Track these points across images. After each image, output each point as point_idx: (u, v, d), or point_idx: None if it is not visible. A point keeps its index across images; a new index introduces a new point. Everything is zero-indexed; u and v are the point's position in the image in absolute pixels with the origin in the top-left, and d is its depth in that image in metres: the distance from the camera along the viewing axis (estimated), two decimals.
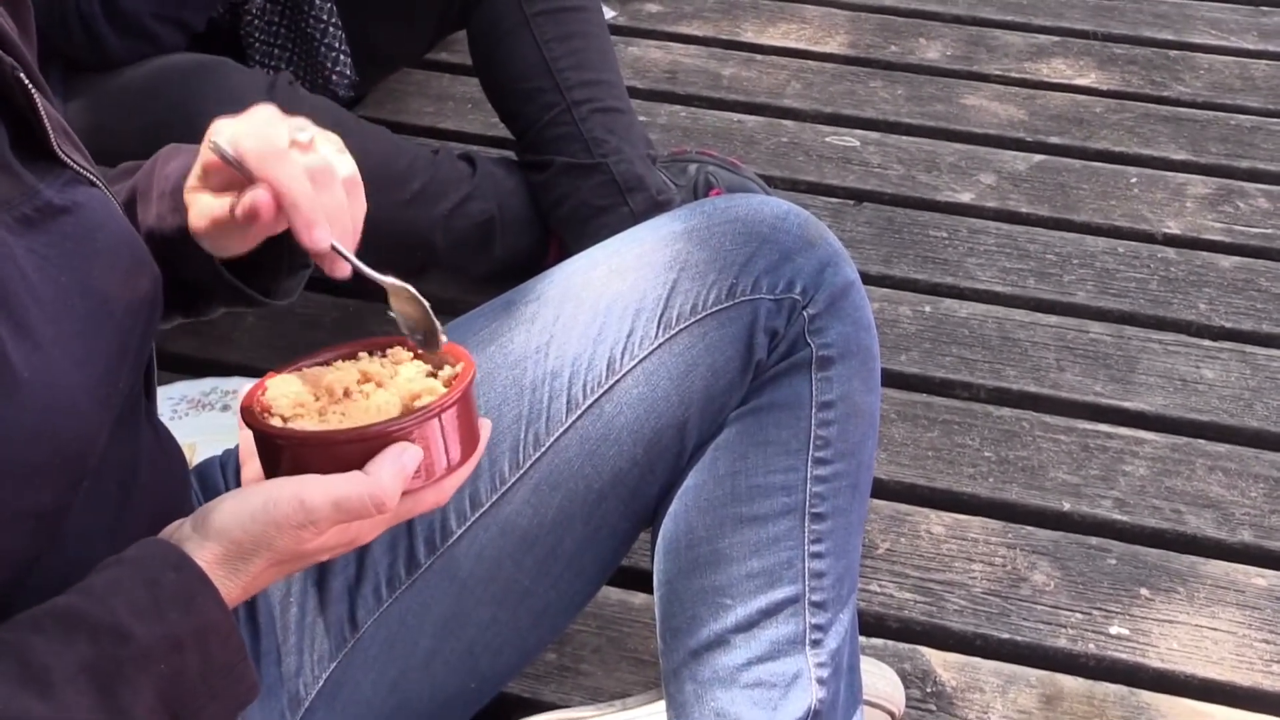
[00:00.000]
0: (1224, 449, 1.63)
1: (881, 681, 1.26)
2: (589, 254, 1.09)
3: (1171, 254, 1.94)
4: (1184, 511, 1.55)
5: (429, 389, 0.83)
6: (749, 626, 1.03)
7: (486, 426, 0.85)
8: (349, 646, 1.01)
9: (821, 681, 1.03)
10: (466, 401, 0.82)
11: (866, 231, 1.98)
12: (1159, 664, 1.39)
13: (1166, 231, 1.98)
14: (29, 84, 0.82)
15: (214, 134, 0.87)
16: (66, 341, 0.77)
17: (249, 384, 1.58)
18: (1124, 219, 2.01)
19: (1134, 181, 2.08)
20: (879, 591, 1.46)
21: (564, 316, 1.05)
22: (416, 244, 1.71)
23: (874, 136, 2.17)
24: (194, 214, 0.90)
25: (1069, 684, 1.37)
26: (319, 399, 0.83)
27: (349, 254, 0.84)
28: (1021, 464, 1.61)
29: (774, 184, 2.05)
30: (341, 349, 0.88)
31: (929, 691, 1.36)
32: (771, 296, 1.03)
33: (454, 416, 0.81)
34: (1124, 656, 1.40)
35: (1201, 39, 2.43)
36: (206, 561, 0.77)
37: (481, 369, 1.05)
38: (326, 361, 0.87)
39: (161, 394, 1.39)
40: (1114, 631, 1.42)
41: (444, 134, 2.16)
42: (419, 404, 0.81)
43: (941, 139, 2.18)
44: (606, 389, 1.03)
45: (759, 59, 2.37)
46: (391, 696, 1.03)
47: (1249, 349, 1.78)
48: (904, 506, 1.56)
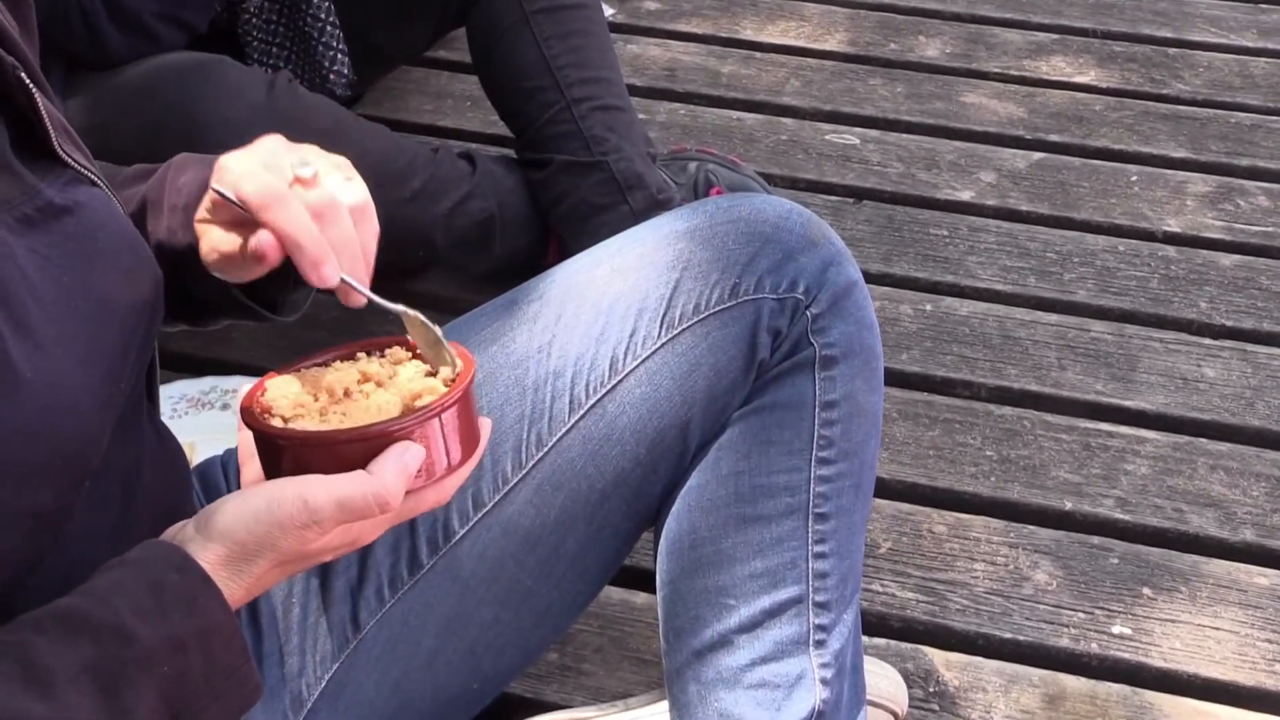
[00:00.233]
0: (1225, 448, 1.63)
1: (884, 681, 1.26)
2: (591, 253, 1.09)
3: (1172, 252, 1.93)
4: (1186, 511, 1.55)
5: (429, 388, 0.82)
6: (752, 627, 1.03)
7: (487, 425, 0.85)
8: (351, 647, 1.01)
9: (825, 682, 1.03)
10: (467, 400, 0.82)
11: (866, 230, 1.97)
12: (1161, 663, 1.39)
13: (1167, 230, 1.98)
14: (30, 83, 0.82)
15: (218, 174, 0.87)
16: (69, 341, 0.77)
17: (249, 383, 1.58)
18: (1124, 217, 2.01)
19: (1134, 179, 2.08)
20: (881, 591, 1.45)
21: (566, 316, 1.04)
22: (416, 242, 1.71)
23: (874, 134, 2.17)
24: (204, 246, 0.90)
25: (1071, 684, 1.37)
26: (319, 399, 0.83)
27: (360, 286, 0.84)
28: (1023, 463, 1.61)
29: (774, 182, 2.05)
30: (340, 350, 0.88)
31: (932, 691, 1.36)
32: (774, 296, 1.03)
33: (455, 415, 0.81)
34: (1126, 656, 1.40)
35: (1201, 36, 2.43)
36: (210, 563, 0.76)
37: (484, 368, 1.04)
38: (325, 362, 0.87)
39: (161, 393, 1.38)
40: (1116, 631, 1.42)
41: (443, 132, 2.15)
42: (419, 404, 0.81)
43: (941, 137, 2.17)
44: (609, 389, 1.03)
45: (758, 56, 2.36)
46: (394, 697, 1.03)
47: (1250, 347, 1.77)
48: (906, 506, 1.55)
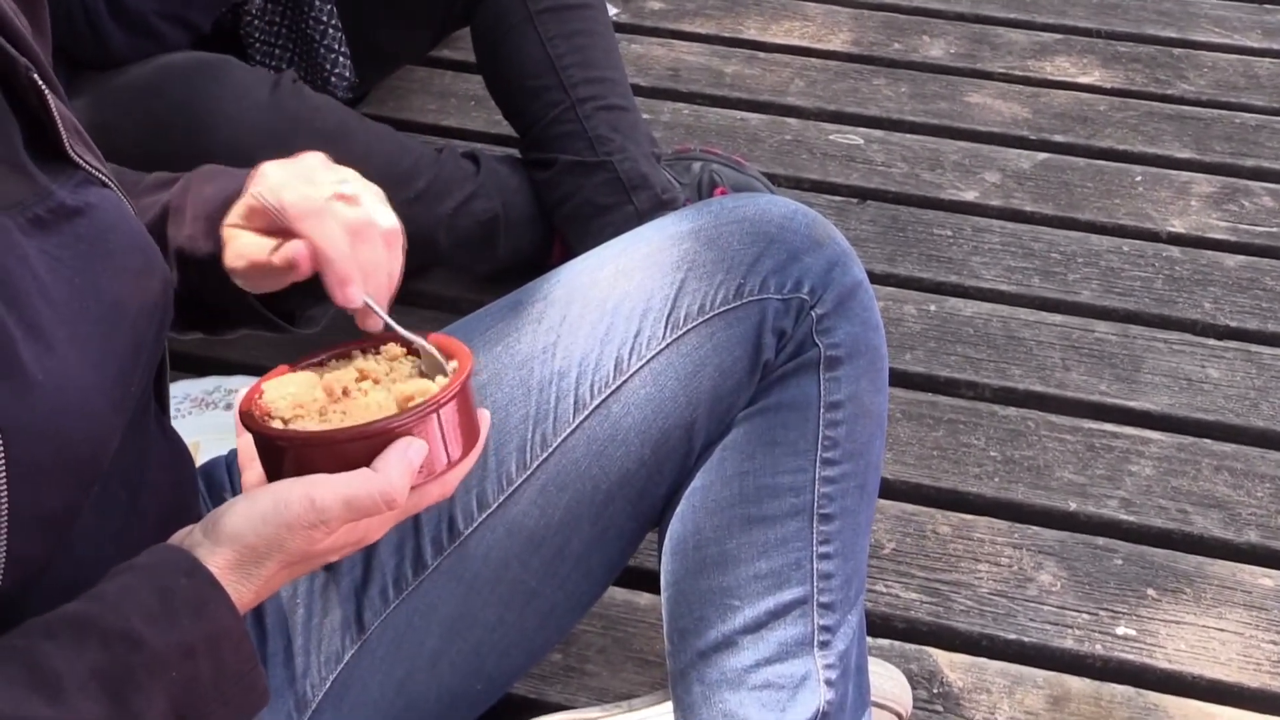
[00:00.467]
0: (1230, 448, 1.63)
1: (888, 682, 1.26)
2: (595, 254, 1.09)
3: (1176, 253, 1.93)
4: (1190, 511, 1.55)
5: (422, 390, 0.83)
6: (757, 628, 1.03)
7: (486, 418, 0.84)
8: (356, 647, 1.01)
9: (830, 683, 1.03)
10: (466, 395, 0.82)
11: (870, 230, 1.97)
12: (1166, 665, 1.39)
13: (1171, 230, 1.98)
14: (43, 84, 0.82)
15: (258, 180, 0.87)
16: (80, 343, 0.77)
17: (252, 382, 1.58)
18: (1129, 217, 2.00)
19: (1138, 180, 2.08)
20: (885, 592, 1.45)
21: (571, 316, 1.04)
22: (420, 242, 1.70)
23: (878, 134, 2.17)
24: (232, 251, 0.89)
25: (1076, 685, 1.36)
26: (318, 399, 0.83)
27: (381, 311, 0.84)
28: (1027, 464, 1.61)
29: (778, 182, 2.05)
30: (335, 349, 0.88)
31: (936, 692, 1.35)
32: (779, 296, 1.03)
33: (454, 410, 0.81)
34: (1131, 657, 1.40)
35: (1205, 37, 2.43)
36: (219, 567, 0.76)
37: (488, 369, 1.04)
38: (321, 362, 0.87)
39: None
40: (1121, 632, 1.42)
41: (447, 132, 2.15)
42: (417, 400, 0.81)
43: (945, 137, 2.17)
44: (614, 389, 1.03)
45: (762, 56, 2.36)
46: (398, 697, 1.03)
47: (1254, 348, 1.77)
48: (910, 506, 1.55)
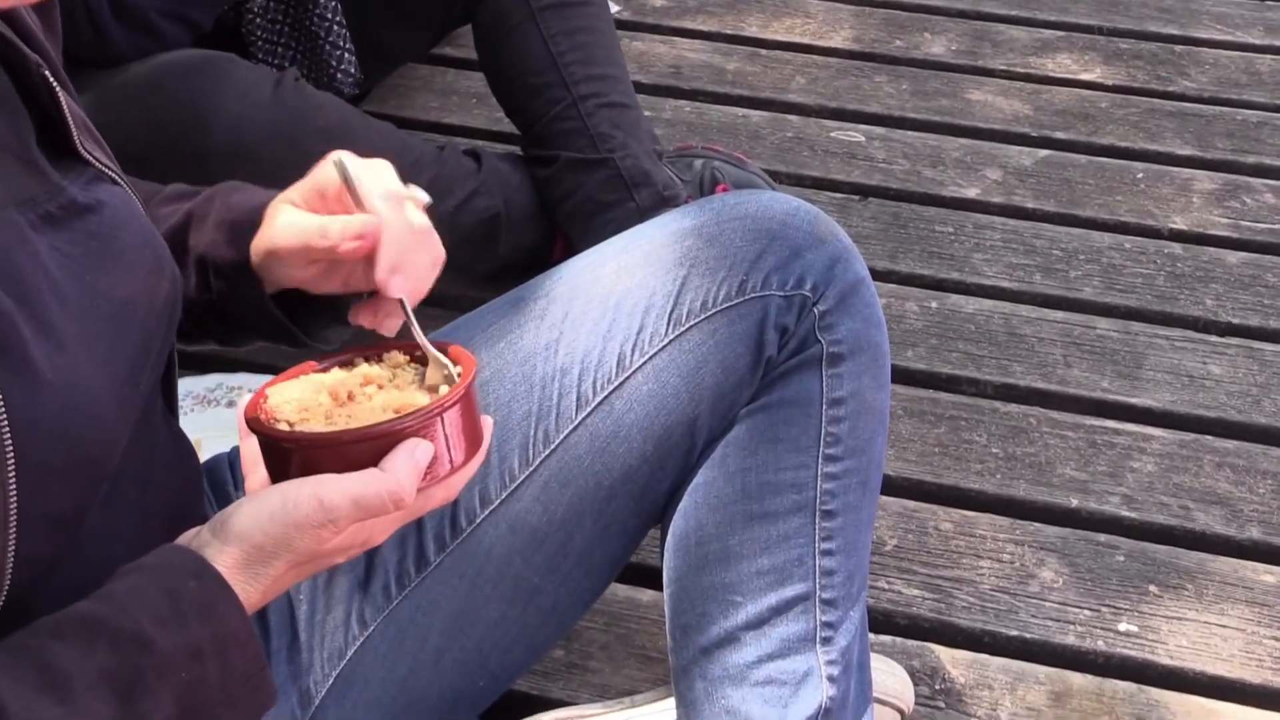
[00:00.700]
0: (1232, 445, 1.63)
1: (890, 679, 1.26)
2: (598, 250, 1.09)
3: (1178, 249, 1.93)
4: (1192, 508, 1.55)
5: (413, 402, 0.83)
6: (759, 624, 1.03)
7: (489, 424, 0.85)
8: (359, 644, 1.01)
9: (832, 679, 1.03)
10: (470, 399, 0.83)
11: (872, 227, 1.97)
12: (1168, 661, 1.39)
13: (1173, 227, 1.98)
14: (54, 81, 0.82)
15: (334, 156, 0.88)
16: (90, 341, 0.77)
17: (254, 380, 1.59)
18: (1130, 214, 2.00)
19: (1140, 177, 2.08)
20: (887, 588, 1.45)
21: (573, 313, 1.04)
22: None
23: (879, 131, 2.17)
24: (279, 224, 0.89)
25: (1078, 681, 1.36)
26: (323, 403, 0.83)
27: (410, 312, 0.86)
28: (1029, 460, 1.61)
29: (779, 179, 2.05)
30: (338, 356, 0.88)
31: (938, 688, 1.36)
32: (782, 293, 1.03)
33: (459, 413, 0.81)
34: (1133, 653, 1.40)
35: (1207, 34, 2.43)
36: (227, 566, 0.76)
37: (491, 366, 1.04)
38: (325, 368, 0.87)
39: None
40: (1123, 628, 1.42)
41: (449, 129, 2.15)
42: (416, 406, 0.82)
43: (947, 134, 2.17)
44: (616, 386, 1.03)
45: (764, 54, 2.36)
46: (401, 694, 1.03)
47: (1256, 345, 1.77)
48: (911, 503, 1.55)
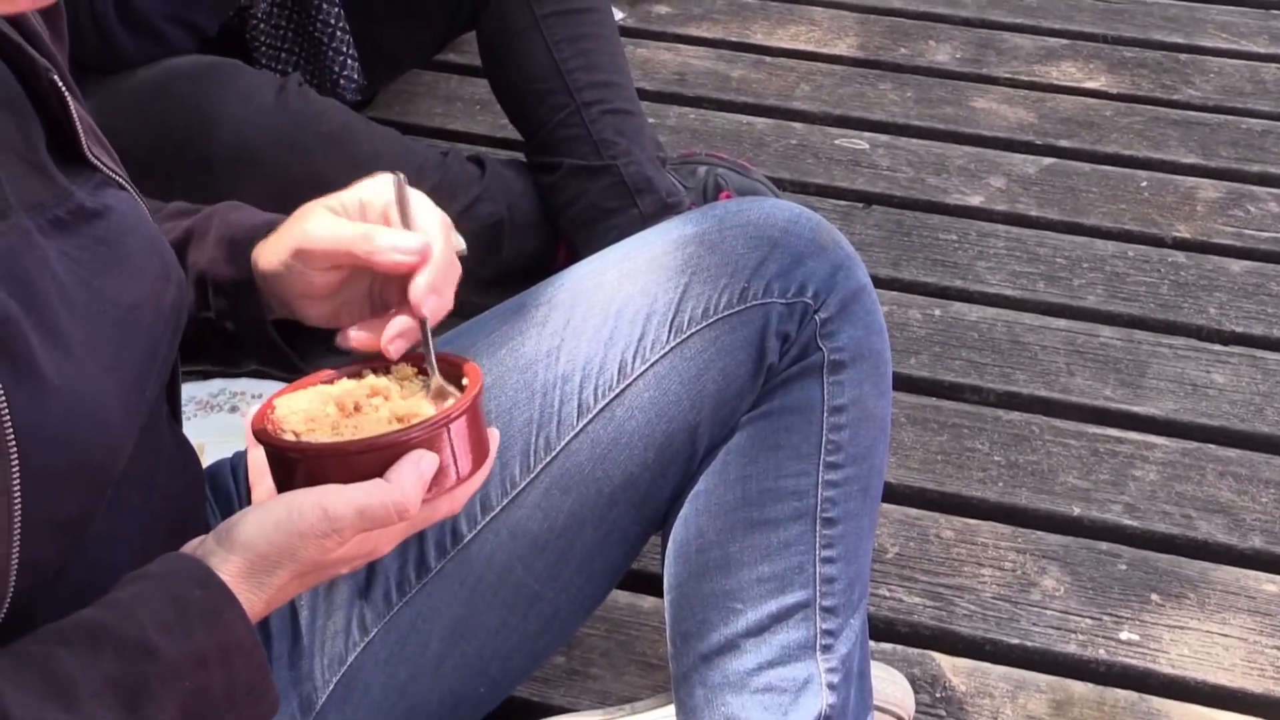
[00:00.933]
0: (1235, 454, 1.62)
1: (891, 686, 1.26)
2: (599, 257, 1.09)
3: (1182, 258, 1.93)
4: (1195, 517, 1.55)
5: (417, 412, 0.83)
6: (759, 631, 1.03)
7: (495, 436, 0.85)
8: (359, 650, 1.01)
9: (832, 687, 1.03)
10: (476, 411, 0.83)
11: (875, 234, 1.97)
12: (1169, 670, 1.39)
13: (1176, 235, 1.98)
14: (62, 86, 0.82)
15: (391, 175, 0.90)
16: (97, 347, 0.77)
17: (258, 386, 1.59)
18: (1134, 222, 2.00)
19: (1144, 185, 2.08)
20: (888, 596, 1.45)
21: (575, 320, 1.05)
22: None
23: (883, 139, 2.17)
24: (314, 223, 0.90)
25: (1079, 689, 1.36)
26: (330, 414, 0.83)
27: (430, 337, 0.86)
28: (1031, 468, 1.61)
29: (783, 186, 2.05)
30: (346, 369, 0.89)
31: (939, 696, 1.35)
32: (783, 300, 1.03)
33: (465, 425, 0.81)
34: (1134, 662, 1.40)
35: (1212, 42, 2.43)
36: (230, 575, 0.77)
37: (492, 373, 1.05)
38: (332, 380, 0.87)
39: None
40: (1124, 637, 1.42)
41: (453, 135, 2.16)
42: (420, 418, 0.82)
43: (951, 142, 2.17)
44: (618, 393, 1.03)
45: (768, 61, 2.36)
46: (401, 700, 1.03)
47: (1260, 353, 1.77)
48: (913, 511, 1.55)
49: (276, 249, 0.92)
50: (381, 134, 1.72)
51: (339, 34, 1.78)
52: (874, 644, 1.38)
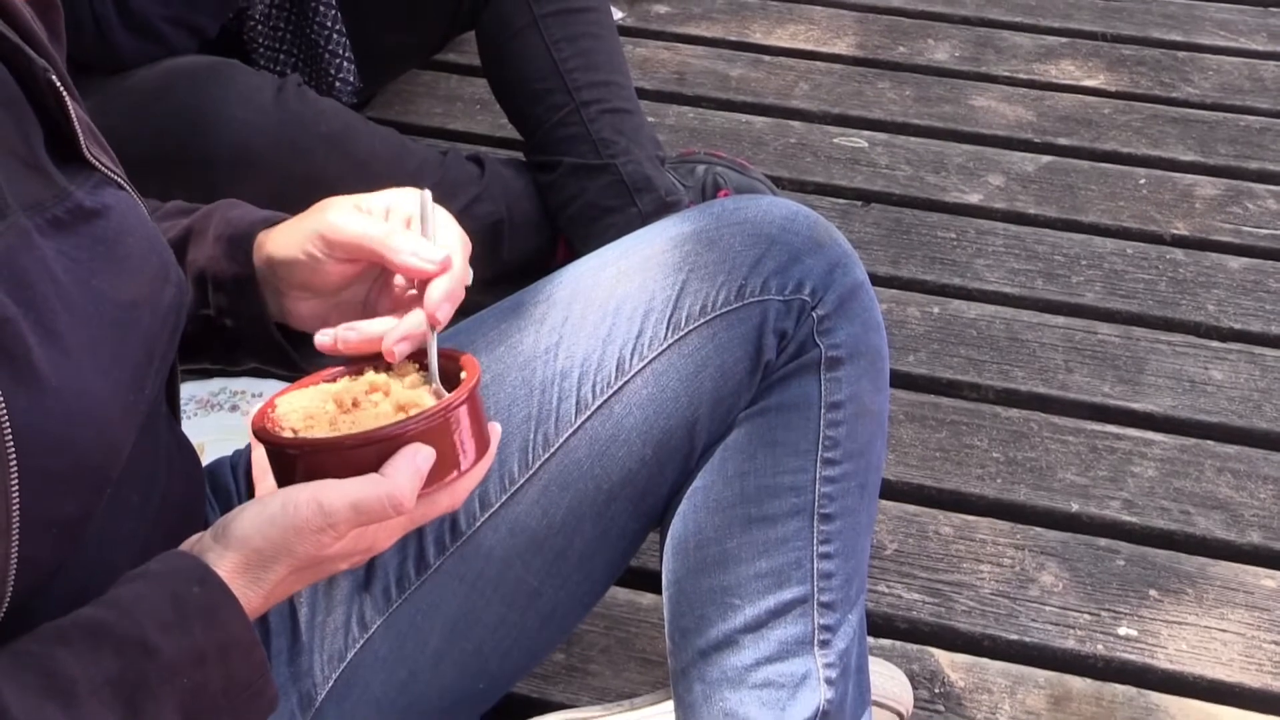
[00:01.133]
0: (1233, 450, 1.63)
1: (890, 682, 1.26)
2: (598, 255, 1.10)
3: (1180, 255, 1.93)
4: (1193, 513, 1.55)
5: (418, 401, 0.83)
6: (757, 627, 1.03)
7: (496, 430, 0.86)
8: (358, 646, 1.02)
9: (830, 682, 1.03)
10: (474, 403, 0.83)
11: (874, 232, 1.98)
12: (1168, 665, 1.39)
13: (1175, 233, 1.98)
14: (60, 86, 0.82)
15: (420, 191, 0.91)
16: (94, 347, 0.77)
17: (258, 384, 1.59)
18: (1132, 220, 2.01)
19: (1142, 182, 2.08)
20: (887, 592, 1.46)
21: (573, 317, 1.05)
22: None
23: (882, 137, 2.17)
24: (336, 213, 0.91)
25: (1077, 685, 1.37)
26: (329, 411, 0.83)
27: (435, 344, 0.87)
28: (1030, 465, 1.61)
29: (782, 185, 2.05)
30: (348, 368, 0.89)
31: (937, 692, 1.36)
32: (780, 297, 1.03)
33: (463, 417, 0.81)
34: (1132, 657, 1.40)
35: (1210, 40, 2.43)
36: (227, 571, 0.77)
37: (491, 370, 1.05)
38: (333, 378, 0.88)
39: None
40: (1122, 632, 1.42)
41: (452, 135, 2.16)
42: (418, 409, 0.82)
43: (949, 140, 2.18)
44: (616, 389, 1.03)
45: (767, 60, 2.37)
46: (401, 696, 1.03)
47: (1258, 350, 1.77)
48: (912, 507, 1.56)
49: (294, 234, 0.92)
50: (381, 134, 1.72)
51: (335, 36, 1.79)
52: (873, 640, 1.39)
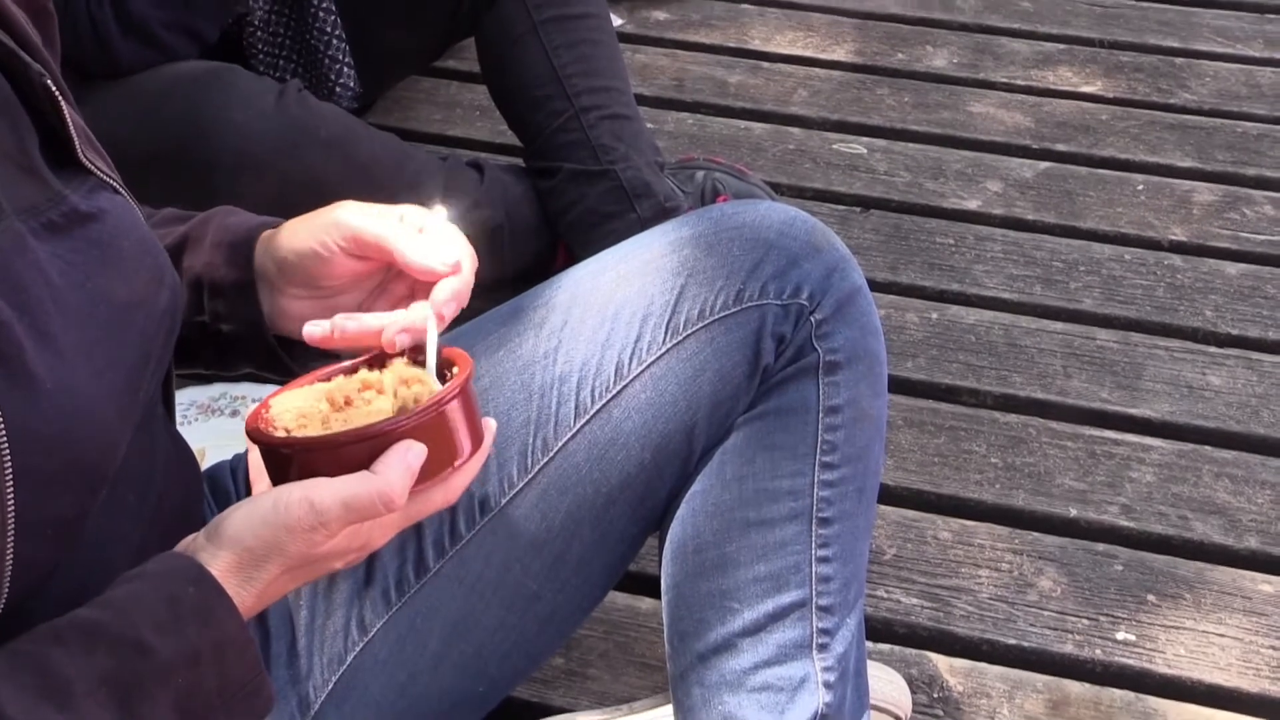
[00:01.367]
0: (1230, 455, 1.63)
1: (888, 686, 1.27)
2: (597, 259, 1.10)
3: (1178, 261, 1.94)
4: (1190, 518, 1.55)
5: (427, 391, 0.83)
6: (756, 630, 1.03)
7: (491, 426, 0.86)
8: (358, 649, 1.02)
9: (828, 685, 1.03)
10: (467, 397, 0.83)
11: (873, 238, 1.98)
12: (1165, 670, 1.40)
13: (1173, 238, 1.99)
14: (55, 91, 0.83)
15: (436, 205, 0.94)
16: (89, 350, 0.78)
17: (257, 389, 1.60)
18: (1130, 226, 2.01)
19: (1140, 189, 2.09)
20: (886, 597, 1.46)
21: (572, 322, 1.05)
22: None
23: (881, 144, 2.18)
24: (350, 212, 0.92)
25: (1075, 689, 1.37)
26: (322, 410, 0.83)
27: (433, 345, 0.88)
28: (1028, 470, 1.61)
29: (781, 191, 2.06)
30: (342, 365, 0.89)
31: (936, 696, 1.36)
32: (779, 302, 1.04)
33: (456, 411, 0.81)
34: (1130, 662, 1.40)
35: (1207, 46, 2.44)
36: (220, 571, 0.77)
37: (490, 374, 1.05)
38: (328, 377, 0.88)
39: None
40: (1120, 637, 1.42)
41: (452, 141, 2.16)
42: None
43: (948, 146, 2.18)
44: (614, 394, 1.03)
45: (766, 66, 2.37)
46: (400, 700, 1.03)
47: (1255, 356, 1.78)
48: (911, 512, 1.56)
49: (310, 225, 0.94)
50: (381, 139, 1.73)
51: (335, 41, 1.79)
52: (872, 645, 1.39)
